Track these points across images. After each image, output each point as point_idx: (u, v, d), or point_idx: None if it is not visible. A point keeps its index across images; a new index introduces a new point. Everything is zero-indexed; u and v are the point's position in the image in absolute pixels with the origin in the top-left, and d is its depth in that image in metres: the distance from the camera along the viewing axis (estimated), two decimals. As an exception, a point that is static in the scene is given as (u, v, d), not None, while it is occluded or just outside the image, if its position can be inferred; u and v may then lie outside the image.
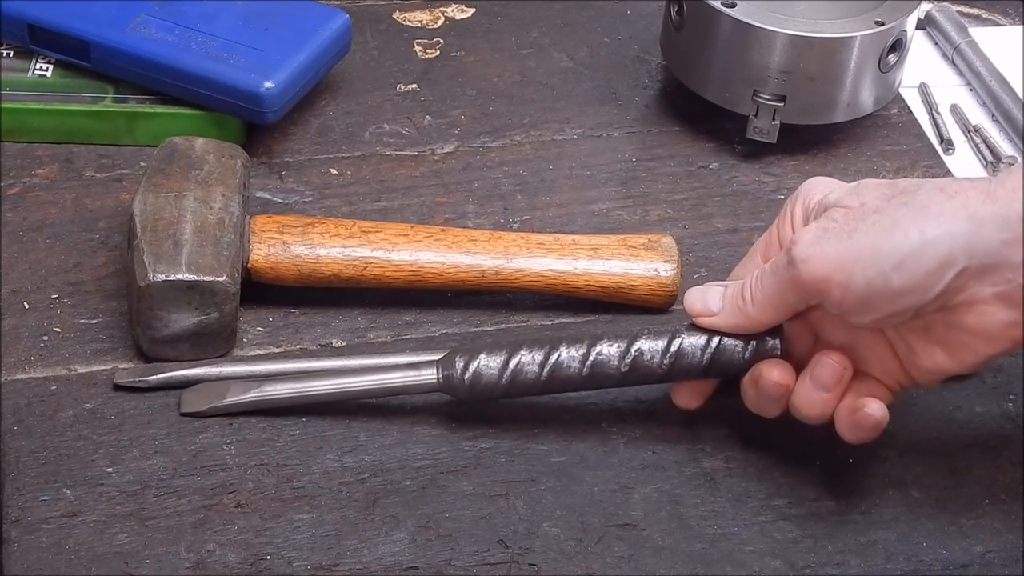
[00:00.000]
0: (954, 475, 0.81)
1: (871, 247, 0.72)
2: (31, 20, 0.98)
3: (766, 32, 0.96)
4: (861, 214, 0.73)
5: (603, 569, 0.75)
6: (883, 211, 0.72)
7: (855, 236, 0.72)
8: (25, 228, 0.91)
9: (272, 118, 0.96)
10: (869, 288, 0.72)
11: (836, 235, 0.73)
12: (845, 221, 0.73)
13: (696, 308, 0.78)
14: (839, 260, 0.73)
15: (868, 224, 0.72)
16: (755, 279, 0.77)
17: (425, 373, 0.79)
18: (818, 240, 0.73)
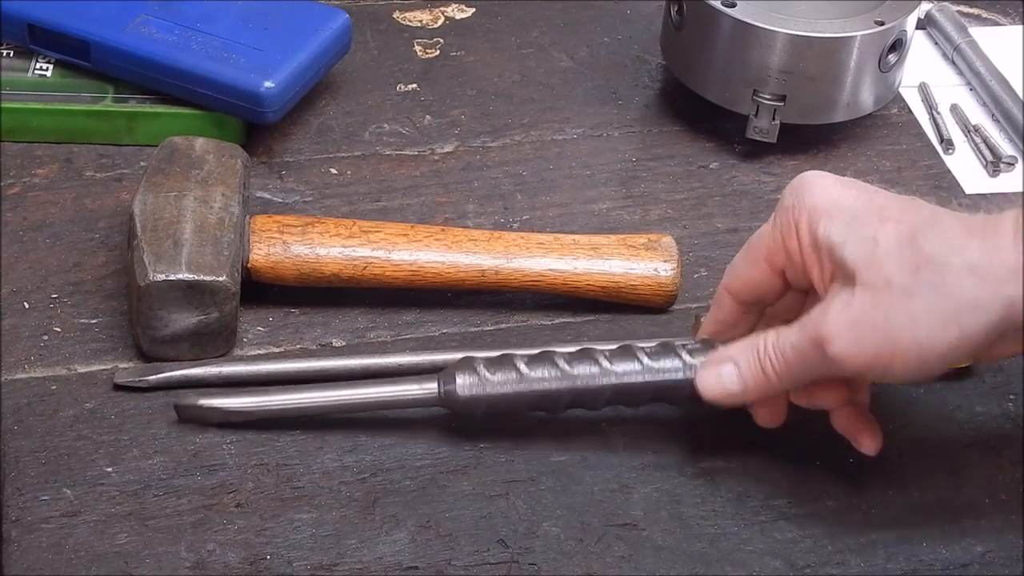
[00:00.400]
0: (954, 475, 0.81)
1: (910, 340, 0.70)
2: (31, 20, 0.98)
3: (766, 32, 0.96)
4: (890, 299, 0.70)
5: (603, 569, 0.75)
6: (914, 295, 0.70)
7: (891, 326, 0.70)
8: (25, 228, 0.91)
9: (272, 118, 0.96)
10: (910, 375, 0.72)
11: (870, 326, 0.70)
12: (874, 307, 0.70)
13: (716, 393, 0.77)
14: (877, 353, 0.71)
15: (901, 312, 0.70)
16: (774, 352, 0.75)
17: (426, 387, 0.79)
18: (850, 331, 0.71)
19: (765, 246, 0.77)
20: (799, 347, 0.73)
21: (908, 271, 0.70)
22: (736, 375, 0.76)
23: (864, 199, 0.73)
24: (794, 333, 0.74)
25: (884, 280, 0.70)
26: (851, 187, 0.74)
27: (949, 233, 0.70)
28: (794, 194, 0.75)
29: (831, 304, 0.72)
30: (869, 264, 0.71)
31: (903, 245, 0.70)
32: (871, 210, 0.72)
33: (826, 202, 0.74)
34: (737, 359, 0.76)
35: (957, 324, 0.69)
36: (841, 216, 0.73)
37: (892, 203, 0.73)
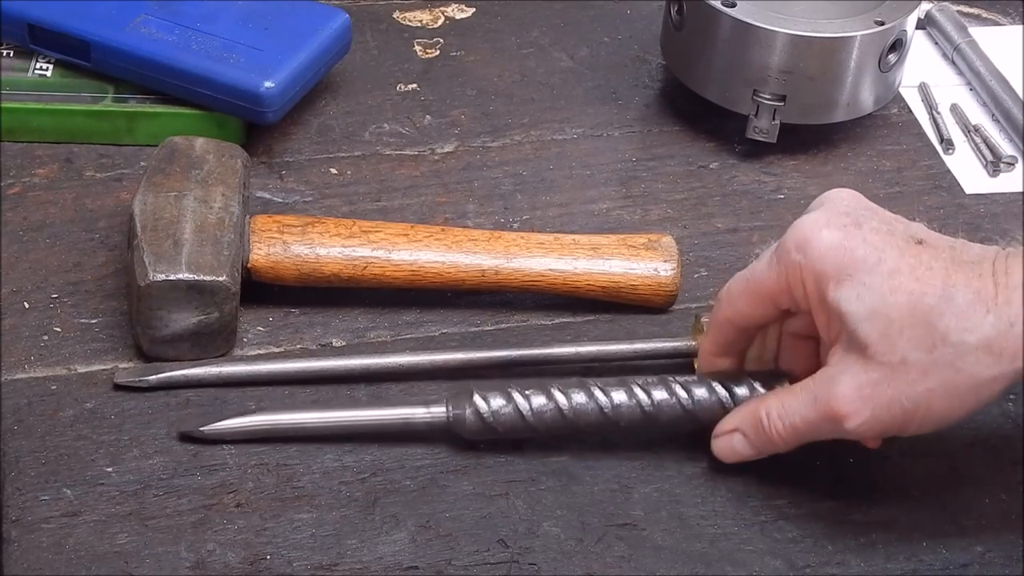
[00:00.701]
0: (954, 475, 0.81)
1: (926, 413, 0.71)
2: (31, 20, 0.98)
3: (766, 32, 0.96)
4: (907, 377, 0.70)
5: (603, 569, 0.75)
6: (930, 373, 0.70)
7: (908, 403, 0.71)
8: (25, 228, 0.91)
9: (272, 118, 0.96)
10: (922, 434, 0.73)
11: (887, 402, 0.71)
12: (891, 385, 0.71)
13: (731, 459, 0.79)
14: (892, 425, 0.72)
15: (918, 390, 0.71)
16: (781, 424, 0.75)
17: (434, 411, 0.79)
18: (866, 407, 0.72)
19: (770, 290, 0.76)
20: (809, 419, 0.74)
21: (924, 349, 0.70)
22: (746, 443, 0.78)
23: (872, 258, 0.72)
24: (803, 405, 0.74)
25: (900, 358, 0.71)
26: (858, 242, 0.72)
27: (962, 308, 0.70)
28: (799, 250, 0.73)
29: (842, 375, 0.72)
30: (882, 341, 0.71)
31: (917, 323, 0.70)
32: (881, 275, 0.71)
33: (833, 265, 0.72)
34: (744, 430, 0.78)
35: (974, 398, 0.71)
36: (850, 283, 0.72)
37: (901, 262, 0.71)
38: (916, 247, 0.72)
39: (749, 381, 0.79)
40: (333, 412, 0.80)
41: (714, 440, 0.79)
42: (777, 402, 0.76)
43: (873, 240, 0.72)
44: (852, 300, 0.71)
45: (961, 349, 0.70)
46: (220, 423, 0.78)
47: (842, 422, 0.72)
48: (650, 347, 0.85)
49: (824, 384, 0.73)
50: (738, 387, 0.79)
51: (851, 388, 0.72)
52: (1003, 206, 1.00)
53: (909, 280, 0.71)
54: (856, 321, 0.71)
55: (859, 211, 0.74)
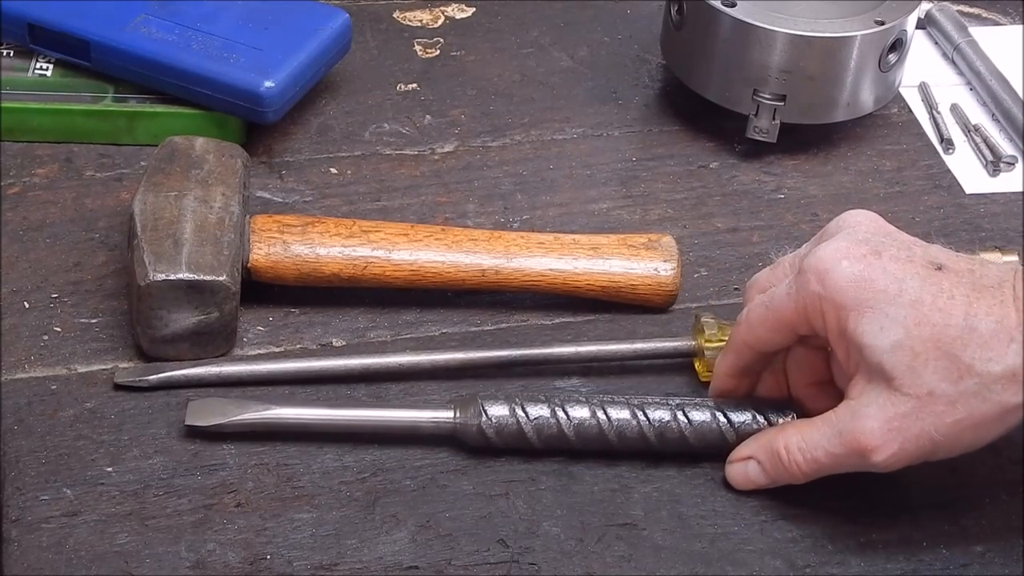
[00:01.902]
0: (954, 475, 0.81)
1: (954, 442, 0.72)
2: (31, 19, 0.98)
3: (766, 32, 0.96)
4: (934, 408, 0.71)
5: (603, 569, 0.75)
6: (958, 404, 0.70)
7: (936, 434, 0.71)
8: (25, 228, 0.91)
9: (272, 117, 0.96)
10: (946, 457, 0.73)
11: (915, 434, 0.71)
12: (918, 416, 0.71)
13: (745, 486, 0.78)
14: (919, 455, 0.72)
15: (946, 421, 0.71)
16: (801, 456, 0.75)
17: (441, 416, 0.79)
18: (894, 439, 0.71)
19: (789, 320, 0.75)
20: (834, 452, 0.74)
21: (950, 380, 0.70)
22: (761, 472, 0.78)
23: (893, 289, 0.71)
24: (826, 438, 0.74)
25: (927, 390, 0.71)
26: (878, 272, 0.72)
27: (985, 337, 0.70)
28: (819, 282, 0.73)
29: (867, 408, 0.72)
30: (908, 373, 0.71)
31: (942, 354, 0.70)
32: (903, 305, 0.71)
33: (854, 298, 0.72)
34: (760, 459, 0.77)
35: (1001, 426, 0.71)
36: (872, 315, 0.71)
37: (923, 292, 0.71)
38: (937, 274, 0.72)
39: (755, 411, 0.79)
40: (337, 411, 0.79)
41: (728, 466, 0.79)
42: (797, 435, 0.75)
43: (893, 269, 0.72)
44: (875, 333, 0.71)
45: (987, 379, 0.70)
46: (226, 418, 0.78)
47: (869, 456, 0.72)
48: (650, 347, 0.85)
49: (848, 418, 0.73)
50: (743, 415, 0.79)
51: (879, 422, 0.72)
52: (1003, 206, 1.00)
53: (932, 311, 0.71)
54: (880, 353, 0.71)
55: (878, 238, 0.74)
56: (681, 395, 0.81)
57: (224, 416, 0.78)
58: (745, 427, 0.79)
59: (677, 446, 0.79)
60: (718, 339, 0.83)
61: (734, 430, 0.79)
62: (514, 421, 0.78)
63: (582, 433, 0.78)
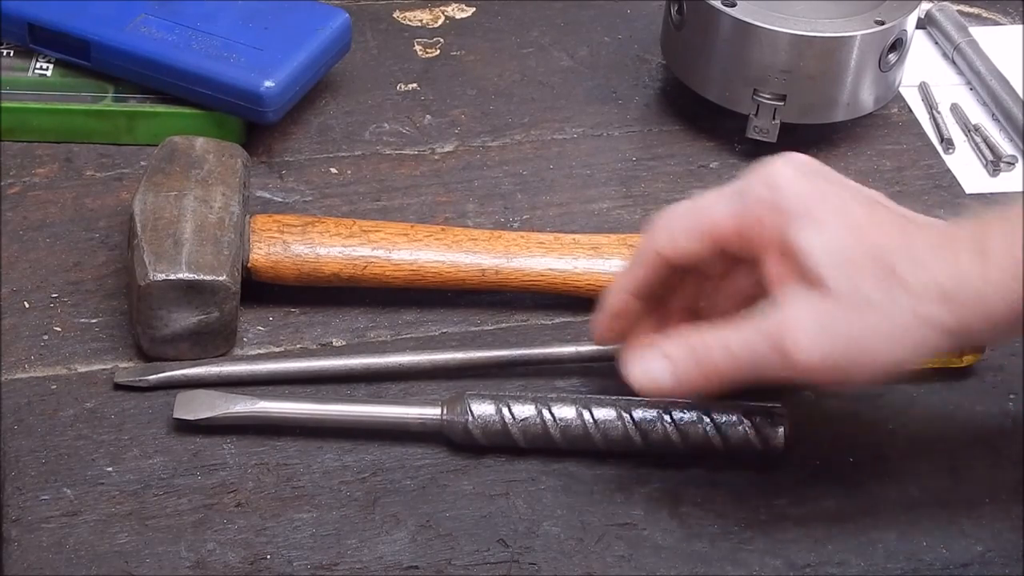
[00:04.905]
0: (954, 475, 0.81)
1: (874, 353, 0.71)
2: (31, 19, 0.98)
3: (766, 31, 0.96)
4: (861, 310, 0.70)
5: (603, 569, 0.75)
6: (887, 314, 0.70)
7: (859, 337, 0.70)
8: (25, 227, 0.91)
9: (272, 117, 0.96)
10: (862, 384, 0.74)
11: (838, 334, 0.71)
12: (845, 317, 0.70)
13: (645, 387, 0.75)
14: (839, 362, 0.71)
15: (871, 324, 0.70)
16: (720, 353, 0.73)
17: (428, 413, 0.79)
18: (818, 337, 0.71)
19: (718, 227, 0.74)
20: (755, 347, 0.72)
21: (879, 287, 0.70)
22: (669, 372, 0.74)
23: (837, 203, 0.72)
24: (747, 333, 0.73)
25: (855, 293, 0.70)
26: (824, 191, 0.73)
27: (919, 253, 0.71)
28: (768, 187, 0.73)
29: (796, 307, 0.71)
30: (840, 275, 0.71)
31: (874, 261, 0.71)
32: (844, 215, 0.72)
33: (799, 206, 0.72)
34: (671, 355, 0.74)
35: (921, 341, 0.71)
36: (815, 224, 0.72)
37: (864, 215, 0.72)
38: (874, 203, 0.74)
39: (741, 412, 0.79)
40: (326, 405, 0.80)
41: (630, 361, 0.76)
42: (714, 332, 0.74)
43: (839, 192, 0.73)
44: (814, 238, 0.71)
45: (914, 291, 0.70)
46: (214, 411, 0.78)
47: (792, 353, 0.71)
48: (650, 347, 0.85)
49: (775, 315, 0.72)
50: (728, 416, 0.79)
51: (806, 321, 0.71)
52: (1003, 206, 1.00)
53: (872, 227, 0.72)
54: (818, 257, 0.71)
55: (822, 170, 0.75)
56: None
57: (212, 410, 0.79)
58: (730, 428, 0.79)
59: (662, 446, 0.79)
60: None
61: (718, 431, 0.79)
62: (499, 420, 0.78)
63: (567, 433, 0.78)
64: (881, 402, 0.84)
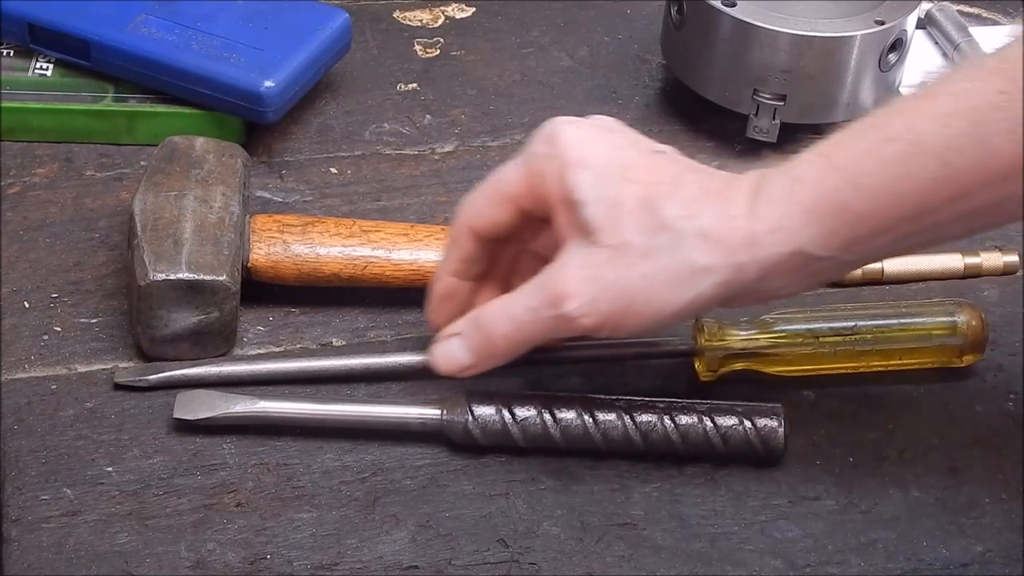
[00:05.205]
0: (954, 475, 0.81)
1: (644, 300, 0.71)
2: (31, 19, 0.98)
3: (766, 31, 0.96)
4: (628, 259, 0.71)
5: (603, 568, 0.75)
6: (650, 256, 0.71)
7: (627, 286, 0.71)
8: (25, 227, 0.91)
9: (272, 117, 0.96)
10: (641, 331, 0.73)
11: (607, 283, 0.71)
12: (612, 266, 0.71)
13: (448, 369, 0.77)
14: (611, 311, 0.72)
15: (638, 272, 0.71)
16: (503, 318, 0.74)
17: (429, 411, 0.79)
18: (587, 287, 0.71)
19: (513, 188, 0.76)
20: (533, 307, 0.73)
21: (646, 233, 0.71)
22: (463, 347, 0.76)
23: (612, 155, 0.73)
24: (526, 294, 0.74)
25: (622, 241, 0.71)
26: (601, 140, 0.74)
27: (688, 198, 0.72)
28: (546, 142, 0.75)
29: (567, 261, 0.73)
30: (609, 224, 0.72)
31: (642, 208, 0.71)
32: (617, 167, 0.73)
33: (576, 155, 0.73)
34: (463, 331, 0.76)
35: (691, 287, 0.71)
36: (588, 173, 0.73)
37: (639, 161, 0.73)
38: (655, 154, 0.75)
39: (742, 414, 0.79)
40: (325, 405, 0.80)
41: (433, 351, 0.78)
42: (499, 300, 0.75)
43: (615, 141, 0.75)
44: (586, 187, 0.72)
45: (681, 235, 0.71)
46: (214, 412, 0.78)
47: (563, 304, 0.72)
48: (650, 347, 0.85)
49: (549, 271, 0.73)
50: (730, 419, 0.79)
51: (574, 270, 0.72)
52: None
53: (642, 172, 0.73)
54: (586, 205, 0.72)
55: (609, 124, 0.76)
56: (680, 395, 0.81)
57: (212, 410, 0.79)
58: (730, 428, 0.79)
59: (662, 446, 0.79)
60: (718, 339, 0.83)
61: (718, 431, 0.79)
62: (500, 420, 0.78)
63: (568, 433, 0.78)
64: (881, 402, 0.84)
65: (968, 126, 0.67)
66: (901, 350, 0.85)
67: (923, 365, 0.86)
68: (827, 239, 0.70)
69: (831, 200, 0.69)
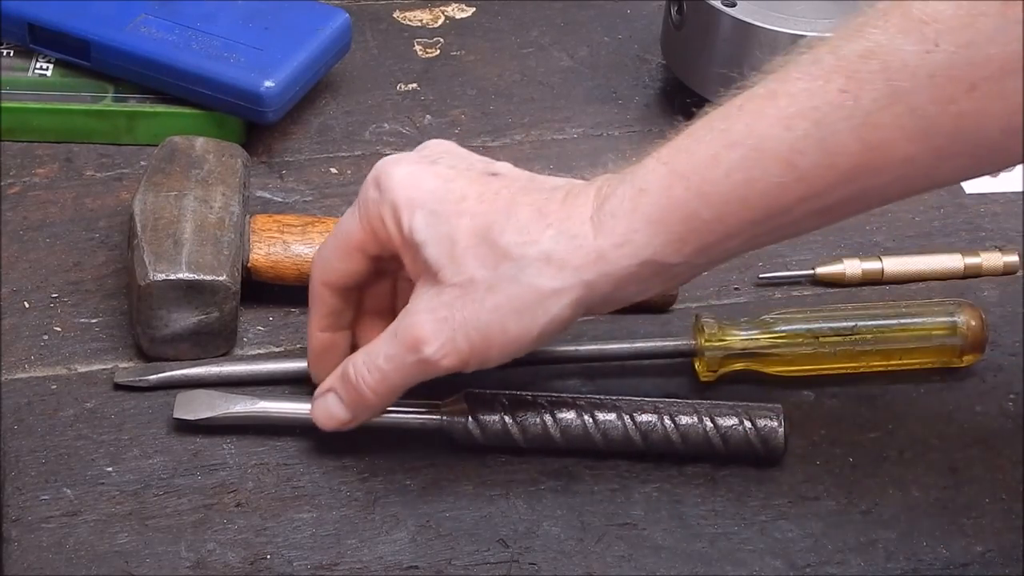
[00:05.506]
0: (954, 475, 0.81)
1: (501, 333, 0.71)
2: (31, 19, 0.98)
3: (766, 31, 0.96)
4: (475, 295, 0.70)
5: (603, 568, 0.75)
6: (496, 289, 0.70)
7: (480, 322, 0.70)
8: (25, 227, 0.91)
9: (272, 117, 0.96)
10: (508, 359, 0.73)
11: (459, 323, 0.71)
12: (462, 305, 0.70)
13: (330, 425, 0.76)
14: (471, 349, 0.71)
15: (487, 307, 0.70)
16: (367, 370, 0.74)
17: (429, 412, 0.79)
18: (441, 330, 0.71)
19: (356, 238, 0.75)
20: (393, 356, 0.73)
21: (488, 266, 0.70)
22: (339, 402, 0.76)
23: (442, 189, 0.72)
24: (385, 344, 0.73)
25: (466, 277, 0.70)
26: (429, 175, 0.73)
27: (524, 223, 0.70)
28: (375, 186, 0.74)
29: (417, 305, 0.72)
30: (449, 262, 0.71)
31: (480, 241, 0.71)
32: (449, 202, 0.72)
33: (406, 196, 0.72)
34: (335, 386, 0.76)
35: (544, 312, 0.70)
36: (421, 212, 0.72)
37: (470, 190, 0.72)
38: (489, 178, 0.73)
39: (742, 414, 0.79)
40: None
41: (312, 408, 0.77)
42: (363, 352, 0.75)
43: (444, 173, 0.73)
44: (420, 227, 0.71)
45: (523, 263, 0.70)
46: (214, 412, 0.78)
47: (422, 349, 0.71)
48: (650, 347, 0.85)
49: (402, 317, 0.73)
50: (729, 420, 0.79)
51: (425, 313, 0.71)
52: (1003, 206, 1.00)
53: (475, 204, 0.71)
54: (425, 246, 0.71)
55: (439, 153, 0.75)
56: (680, 395, 0.81)
57: (212, 410, 0.79)
58: (730, 428, 0.79)
59: (662, 446, 0.79)
60: (718, 339, 0.83)
61: (718, 431, 0.79)
62: (500, 421, 0.78)
63: (568, 434, 0.78)
64: (881, 402, 0.84)
65: (811, 127, 0.66)
66: (901, 350, 0.85)
67: (923, 365, 0.86)
68: (677, 247, 0.69)
69: (677, 209, 0.68)
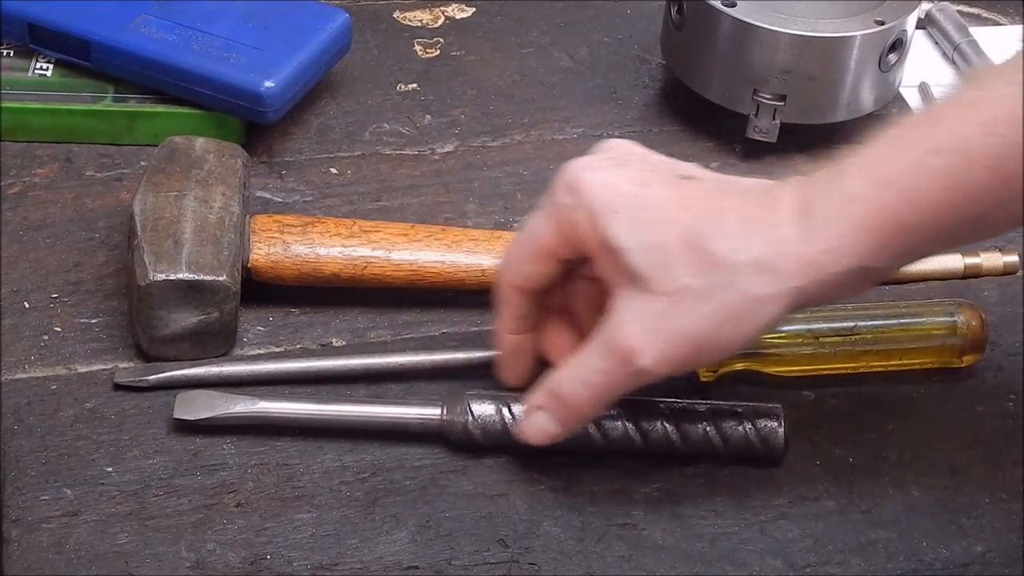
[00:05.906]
0: (954, 475, 0.81)
1: (713, 340, 0.71)
2: (31, 19, 0.98)
3: (766, 32, 0.96)
4: (687, 303, 0.70)
5: (603, 569, 0.75)
6: (709, 297, 0.70)
7: (693, 330, 0.70)
8: (25, 228, 0.91)
9: (272, 117, 0.96)
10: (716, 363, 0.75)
11: (672, 332, 0.70)
12: (674, 314, 0.70)
13: (542, 440, 0.76)
14: (684, 356, 0.71)
15: (700, 315, 0.70)
16: (579, 385, 0.74)
17: (428, 413, 0.79)
18: (654, 340, 0.70)
19: (548, 243, 0.75)
20: (603, 368, 0.73)
21: (699, 274, 0.70)
22: (549, 418, 0.76)
23: (640, 194, 0.72)
24: (594, 357, 0.73)
25: (678, 286, 0.70)
26: (623, 180, 0.73)
27: (732, 228, 0.70)
28: (570, 192, 0.73)
29: (625, 314, 0.71)
30: (658, 271, 0.71)
31: (688, 248, 0.70)
32: (649, 208, 0.72)
33: (602, 202, 0.72)
34: (543, 405, 0.76)
35: (756, 318, 0.71)
36: (621, 219, 0.72)
37: (667, 195, 0.72)
38: (682, 181, 0.73)
39: (742, 412, 0.79)
40: (326, 406, 0.80)
41: (522, 424, 0.77)
42: (569, 367, 0.74)
43: (637, 177, 0.73)
44: (626, 235, 0.71)
45: (735, 269, 0.70)
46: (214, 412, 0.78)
47: (635, 360, 0.71)
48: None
49: (609, 328, 0.72)
50: (729, 416, 0.79)
51: (636, 325, 0.71)
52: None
53: (676, 210, 0.71)
54: (630, 255, 0.71)
55: (625, 156, 0.75)
56: (680, 395, 0.81)
57: (213, 410, 0.79)
58: (730, 428, 0.79)
59: (662, 446, 0.79)
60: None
61: (719, 431, 0.79)
62: (499, 420, 0.78)
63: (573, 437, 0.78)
64: (881, 402, 0.84)
65: (1015, 133, 0.67)
66: (901, 350, 0.85)
67: (923, 365, 0.86)
68: (881, 252, 0.70)
69: (886, 217, 0.69)
